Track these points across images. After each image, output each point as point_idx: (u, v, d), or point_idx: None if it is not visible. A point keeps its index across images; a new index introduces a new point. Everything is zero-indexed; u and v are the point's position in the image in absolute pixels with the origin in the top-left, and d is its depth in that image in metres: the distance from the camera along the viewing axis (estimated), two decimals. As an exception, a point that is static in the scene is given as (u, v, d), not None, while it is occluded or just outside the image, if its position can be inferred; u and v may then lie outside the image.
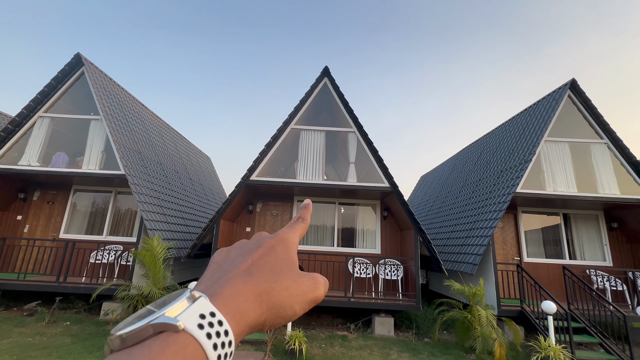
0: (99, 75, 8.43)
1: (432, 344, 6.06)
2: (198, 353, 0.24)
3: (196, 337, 0.24)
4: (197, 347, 0.24)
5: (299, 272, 0.34)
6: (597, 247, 8.17)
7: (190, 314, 0.25)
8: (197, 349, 0.24)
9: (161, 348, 0.23)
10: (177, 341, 0.23)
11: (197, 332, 0.24)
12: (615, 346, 5.47)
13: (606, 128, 7.42)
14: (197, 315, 0.25)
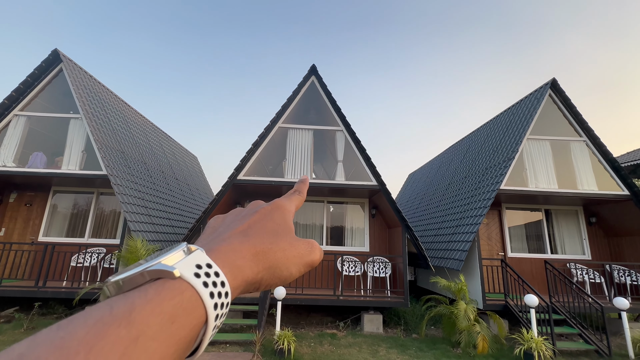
0: (79, 72, 8.15)
1: (420, 339, 6.15)
2: (195, 299, 0.23)
3: (193, 284, 0.24)
4: (193, 293, 0.24)
5: (295, 236, 0.35)
6: (577, 242, 8.46)
7: (186, 263, 0.25)
8: (193, 295, 0.23)
9: (157, 291, 0.22)
10: (173, 286, 0.23)
11: (194, 279, 0.24)
12: (593, 336, 5.68)
13: (584, 126, 7.67)
14: (194, 265, 0.25)
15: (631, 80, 62.84)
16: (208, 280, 0.25)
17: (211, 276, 0.25)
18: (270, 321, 6.42)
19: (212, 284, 0.25)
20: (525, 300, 5.62)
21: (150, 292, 0.22)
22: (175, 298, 0.22)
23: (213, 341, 5.39)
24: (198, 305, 0.23)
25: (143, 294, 0.22)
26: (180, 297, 0.23)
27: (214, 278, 0.25)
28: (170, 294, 0.23)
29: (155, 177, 9.58)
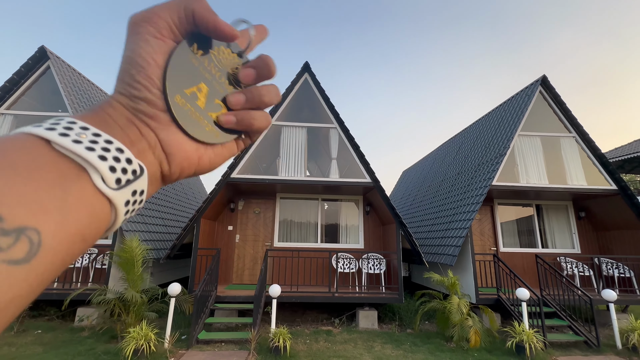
0: (67, 70, 7.98)
1: (415, 334, 6.22)
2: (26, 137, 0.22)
3: (35, 132, 0.22)
4: (22, 134, 0.22)
5: None
6: (567, 236, 8.63)
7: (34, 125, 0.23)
8: (23, 134, 0.22)
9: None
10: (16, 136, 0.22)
11: (37, 129, 0.22)
12: (582, 328, 5.82)
13: (574, 122, 7.80)
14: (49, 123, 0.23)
15: (620, 77, 64.08)
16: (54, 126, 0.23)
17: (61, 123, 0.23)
18: (265, 319, 6.42)
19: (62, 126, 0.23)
20: (516, 294, 5.72)
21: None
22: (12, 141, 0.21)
23: (208, 340, 5.37)
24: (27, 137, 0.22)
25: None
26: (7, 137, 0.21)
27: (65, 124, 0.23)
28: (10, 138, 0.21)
29: (147, 176, 9.45)
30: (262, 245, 8.09)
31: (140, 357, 4.55)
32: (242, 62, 0.32)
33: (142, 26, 0.27)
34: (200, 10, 0.28)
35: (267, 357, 4.85)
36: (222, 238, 8.09)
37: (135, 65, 0.27)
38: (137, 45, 0.27)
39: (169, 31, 0.28)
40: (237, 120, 0.31)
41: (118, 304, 5.56)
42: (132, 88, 0.27)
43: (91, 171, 0.23)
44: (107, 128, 0.25)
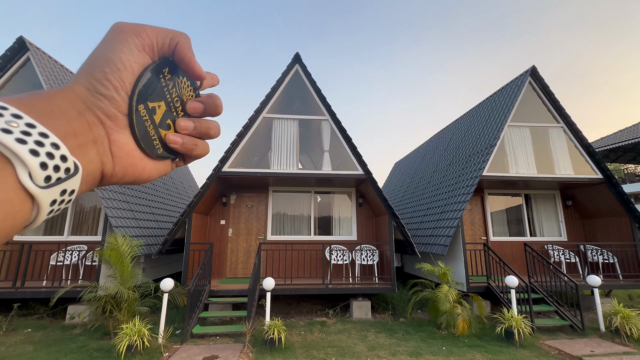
0: (47, 61, 7.68)
1: (407, 323, 6.34)
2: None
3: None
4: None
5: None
6: (554, 224, 8.84)
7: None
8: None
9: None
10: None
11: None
12: (568, 312, 6.02)
13: (562, 112, 7.91)
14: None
15: (607, 69, 65.08)
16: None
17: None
18: (260, 312, 6.45)
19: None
20: (506, 282, 5.86)
21: None
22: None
23: (203, 334, 5.37)
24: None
25: None
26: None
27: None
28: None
29: (136, 171, 9.28)
30: (256, 238, 8.07)
31: (135, 352, 4.52)
32: (195, 95, 0.35)
33: (130, 36, 0.29)
34: (183, 45, 0.32)
35: (262, 349, 4.88)
36: (214, 232, 8.03)
37: (112, 65, 0.28)
38: (120, 50, 0.28)
39: (151, 49, 0.31)
40: (183, 142, 0.33)
41: (110, 301, 5.50)
42: (101, 85, 0.27)
43: (18, 165, 0.21)
44: (51, 117, 0.24)
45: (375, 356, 4.68)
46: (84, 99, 0.27)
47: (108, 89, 0.27)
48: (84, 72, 0.27)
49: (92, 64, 0.28)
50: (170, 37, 0.31)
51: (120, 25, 0.29)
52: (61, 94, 0.26)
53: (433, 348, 4.99)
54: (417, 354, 4.76)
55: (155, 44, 0.31)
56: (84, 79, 0.27)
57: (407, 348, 4.99)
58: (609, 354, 4.69)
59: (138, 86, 0.29)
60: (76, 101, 0.26)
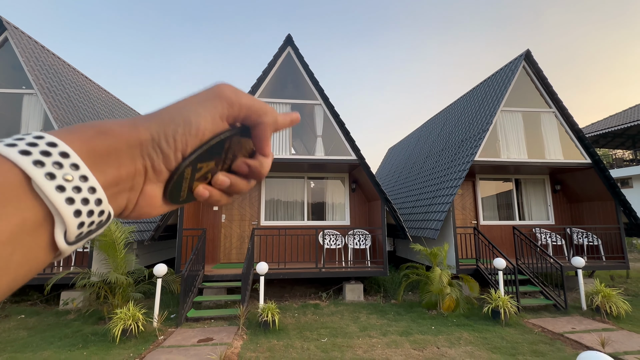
0: (28, 42, 7.34)
1: (399, 304, 6.51)
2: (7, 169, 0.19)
3: (3, 153, 0.20)
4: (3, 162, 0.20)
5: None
6: (543, 208, 9.04)
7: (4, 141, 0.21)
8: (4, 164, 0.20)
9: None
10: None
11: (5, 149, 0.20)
12: (552, 292, 6.24)
13: (554, 97, 7.93)
14: (11, 139, 0.21)
15: (601, 55, 65.09)
16: (17, 142, 0.21)
17: (25, 139, 0.21)
18: (254, 296, 6.54)
19: (26, 144, 0.21)
20: (494, 264, 6.02)
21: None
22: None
23: (197, 317, 5.45)
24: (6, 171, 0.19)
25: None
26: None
27: (31, 140, 0.21)
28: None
29: (126, 156, 9.11)
30: (249, 224, 8.09)
31: (129, 336, 4.58)
32: (249, 154, 0.34)
33: (223, 106, 0.28)
34: (267, 127, 0.31)
35: (257, 331, 4.98)
36: (207, 218, 8.02)
37: (187, 128, 0.27)
38: (204, 117, 0.28)
39: (234, 120, 0.30)
40: (209, 196, 0.31)
41: (103, 287, 5.51)
42: (166, 141, 0.26)
43: (58, 226, 0.21)
44: (106, 163, 0.24)
45: (367, 336, 4.82)
46: (144, 146, 0.26)
47: (170, 147, 0.27)
48: (159, 121, 0.27)
49: (171, 117, 0.27)
50: (258, 114, 0.30)
51: (221, 90, 0.29)
52: (126, 136, 0.25)
53: (422, 328, 5.16)
54: (407, 333, 4.92)
55: (241, 117, 0.30)
56: (154, 127, 0.26)
57: (397, 328, 5.15)
58: (589, 330, 4.91)
59: (197, 152, 0.28)
60: (135, 146, 0.25)
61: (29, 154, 0.20)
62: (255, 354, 4.18)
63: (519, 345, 4.45)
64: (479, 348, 4.36)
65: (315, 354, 4.20)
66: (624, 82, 72.55)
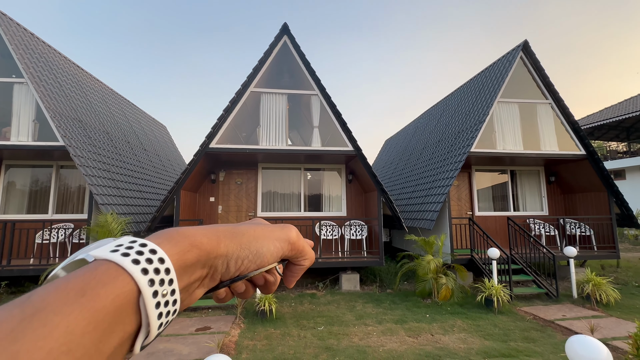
0: (16, 29, 7.15)
1: (394, 294, 6.61)
2: (113, 270, 0.22)
3: (108, 257, 0.23)
4: (110, 266, 0.22)
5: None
6: (537, 199, 9.14)
7: (106, 247, 0.24)
8: (111, 267, 0.22)
9: (68, 275, 0.21)
10: (86, 267, 0.22)
11: (109, 254, 0.23)
12: (545, 281, 6.37)
13: (551, 89, 7.93)
14: (114, 245, 0.24)
15: (599, 46, 64.92)
16: (129, 252, 0.23)
17: (134, 247, 0.24)
18: (251, 286, 6.59)
19: (135, 253, 0.23)
20: (488, 253, 6.11)
21: (71, 275, 0.21)
22: (85, 274, 0.21)
23: (195, 307, 5.49)
24: (118, 275, 0.22)
25: (66, 277, 0.21)
26: (92, 272, 0.21)
27: (138, 248, 0.24)
28: (80, 272, 0.21)
29: (120, 147, 9.01)
30: (246, 215, 8.10)
31: (127, 326, 4.61)
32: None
33: (287, 247, 0.35)
34: (304, 269, 0.38)
35: (254, 320, 5.04)
36: (204, 209, 8.01)
37: (255, 258, 0.32)
38: (271, 255, 0.33)
39: (287, 256, 0.36)
40: (224, 298, 0.35)
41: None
42: (235, 261, 0.30)
43: (142, 335, 0.23)
44: (188, 272, 0.27)
45: (363, 324, 4.90)
46: (216, 257, 0.29)
47: (236, 268, 0.31)
48: (237, 244, 0.31)
49: (248, 244, 0.31)
50: (305, 258, 0.37)
51: (291, 236, 0.35)
52: (211, 249, 0.28)
53: (417, 316, 5.25)
54: (402, 321, 5.01)
55: (292, 255, 0.36)
56: (232, 248, 0.30)
57: (393, 316, 5.23)
58: (579, 317, 5.04)
59: (250, 275, 0.33)
60: (212, 260, 0.29)
61: (147, 273, 0.23)
62: (253, 342, 4.23)
63: (511, 332, 4.55)
64: (472, 335, 4.46)
65: (312, 341, 4.27)
66: (621, 74, 72.78)
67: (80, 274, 0.21)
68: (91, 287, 0.20)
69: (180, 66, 70.20)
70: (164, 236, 0.26)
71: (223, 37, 63.43)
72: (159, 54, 66.56)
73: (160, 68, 70.18)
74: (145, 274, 0.23)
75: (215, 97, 75.28)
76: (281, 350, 4.00)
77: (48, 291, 0.19)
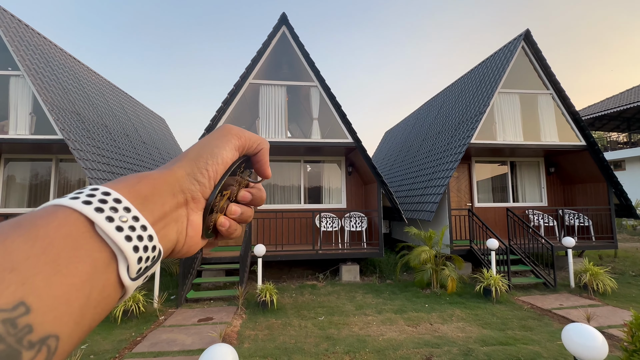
0: (11, 21, 7.05)
1: (394, 284, 6.68)
2: (54, 208, 0.22)
3: (53, 203, 0.23)
4: (52, 207, 0.22)
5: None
6: (536, 190, 9.15)
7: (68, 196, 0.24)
8: (52, 207, 0.22)
9: (33, 215, 0.21)
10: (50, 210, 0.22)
11: (55, 200, 0.23)
12: (543, 271, 6.44)
13: (552, 79, 7.86)
14: (74, 192, 0.24)
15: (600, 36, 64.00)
16: (76, 196, 0.24)
17: (84, 192, 0.24)
18: (252, 277, 6.67)
19: (76, 193, 0.24)
20: (487, 244, 6.16)
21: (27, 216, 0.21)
22: (27, 214, 0.21)
23: (197, 298, 5.56)
24: (57, 210, 0.22)
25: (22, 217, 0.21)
26: (34, 212, 0.22)
27: (89, 192, 0.24)
28: (41, 213, 0.22)
29: (119, 141, 8.98)
30: (246, 208, 8.12)
31: (131, 317, 4.68)
32: (247, 184, 0.40)
33: (234, 138, 0.35)
34: (265, 152, 0.39)
35: (255, 310, 5.11)
36: (204, 202, 8.02)
37: (214, 159, 0.33)
38: (224, 147, 0.34)
39: (242, 150, 0.37)
40: (229, 226, 0.36)
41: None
42: (200, 173, 0.32)
43: (121, 263, 0.23)
44: (152, 202, 0.27)
45: (363, 314, 4.97)
46: (181, 182, 0.30)
47: (204, 177, 0.32)
48: (189, 160, 0.32)
49: (198, 154, 0.32)
50: (258, 143, 0.38)
51: (230, 128, 0.36)
52: (164, 177, 0.29)
53: (417, 306, 5.32)
54: (401, 311, 5.08)
55: (247, 147, 0.37)
56: (187, 165, 0.31)
57: (392, 306, 5.30)
58: (576, 306, 5.11)
59: (224, 178, 0.34)
60: (174, 184, 0.30)
61: (90, 204, 0.23)
62: (255, 332, 4.30)
63: (509, 320, 4.62)
64: (470, 324, 4.53)
65: (313, 331, 4.34)
66: (622, 64, 72.03)
67: (44, 212, 0.21)
68: (27, 219, 0.20)
69: (178, 57, 69.08)
70: (111, 181, 0.27)
71: (223, 28, 62.15)
72: (156, 45, 65.36)
73: (159, 59, 69.08)
74: (87, 205, 0.23)
75: (216, 87, 74.34)
76: (282, 339, 4.07)
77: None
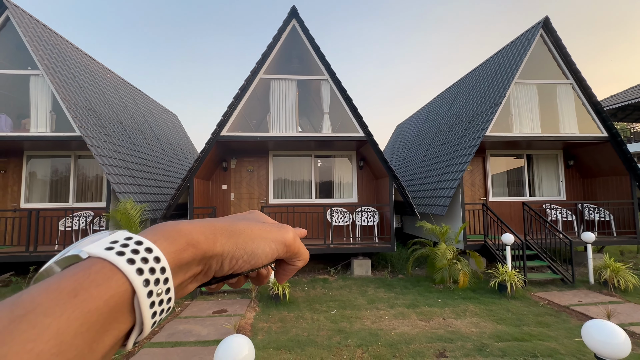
0: (29, 21, 7.23)
1: (405, 279, 6.65)
2: (107, 270, 0.22)
3: (103, 256, 0.22)
4: (105, 265, 0.22)
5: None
6: (554, 184, 8.88)
7: (99, 243, 0.23)
8: (105, 267, 0.22)
9: (60, 273, 0.21)
10: (79, 265, 0.22)
11: (104, 252, 0.22)
12: (560, 267, 6.27)
13: (572, 68, 7.55)
14: (108, 242, 0.24)
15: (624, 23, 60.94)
16: (125, 250, 0.23)
17: (130, 245, 0.23)
18: (265, 271, 6.74)
19: (131, 251, 0.23)
20: (502, 239, 6.03)
21: (65, 272, 0.21)
22: (78, 273, 0.21)
23: (211, 292, 5.68)
24: (112, 275, 0.21)
25: (59, 275, 0.21)
26: (85, 271, 0.21)
27: (134, 246, 0.23)
28: (73, 271, 0.21)
29: (134, 137, 9.18)
30: (258, 202, 8.20)
31: (148, 308, 4.82)
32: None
33: (283, 249, 0.34)
34: (297, 269, 0.38)
35: (268, 303, 5.19)
36: (217, 197, 8.15)
37: (250, 258, 0.32)
38: (266, 254, 0.33)
39: (282, 256, 0.35)
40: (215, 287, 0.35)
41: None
42: (229, 260, 0.31)
43: (136, 332, 0.23)
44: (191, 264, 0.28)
45: (375, 308, 4.97)
46: (212, 256, 0.29)
47: (230, 266, 0.31)
48: (233, 244, 0.30)
49: (244, 244, 0.31)
50: (299, 259, 0.37)
51: (287, 238, 0.34)
52: (207, 248, 0.28)
53: (429, 300, 5.28)
54: (413, 305, 5.05)
55: (287, 256, 0.36)
56: (228, 247, 0.30)
57: (404, 301, 5.29)
58: (595, 303, 4.96)
59: (243, 274, 0.33)
60: (208, 258, 0.29)
61: (142, 273, 0.23)
62: (268, 324, 4.37)
63: (524, 316, 4.54)
64: (485, 319, 4.47)
65: (325, 324, 4.37)
66: (648, 51, 67.96)
67: (73, 272, 0.21)
68: (84, 288, 0.20)
69: (189, 53, 69.63)
70: (160, 233, 0.26)
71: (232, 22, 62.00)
72: (167, 41, 66.13)
73: (170, 55, 69.86)
74: (140, 274, 0.22)
75: (225, 82, 74.60)
76: (295, 332, 4.12)
77: (39, 291, 0.19)
